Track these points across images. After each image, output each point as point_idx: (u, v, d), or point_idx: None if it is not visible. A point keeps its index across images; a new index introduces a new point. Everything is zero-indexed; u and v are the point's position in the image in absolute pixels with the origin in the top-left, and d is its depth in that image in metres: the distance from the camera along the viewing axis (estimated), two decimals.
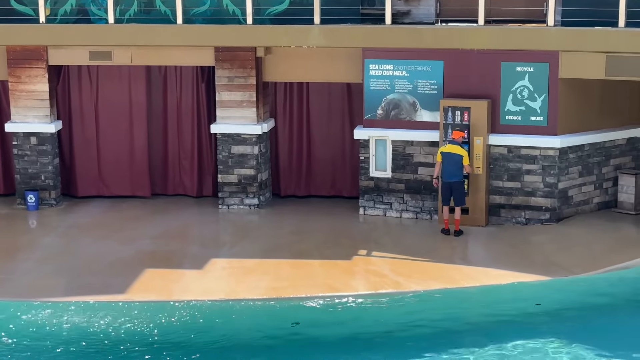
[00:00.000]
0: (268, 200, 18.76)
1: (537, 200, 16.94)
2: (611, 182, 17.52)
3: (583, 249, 15.69)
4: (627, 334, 13.01)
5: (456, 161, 16.31)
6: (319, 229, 17.12)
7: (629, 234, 16.41)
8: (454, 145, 16.38)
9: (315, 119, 18.88)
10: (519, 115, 16.83)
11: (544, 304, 13.97)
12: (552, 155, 16.77)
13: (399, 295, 14.17)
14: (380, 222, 17.44)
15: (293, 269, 15.19)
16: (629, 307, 13.95)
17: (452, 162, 16.32)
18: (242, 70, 17.92)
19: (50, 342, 12.84)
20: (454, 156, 16.32)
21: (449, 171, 16.36)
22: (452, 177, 16.35)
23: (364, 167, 17.76)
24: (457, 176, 16.37)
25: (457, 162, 16.31)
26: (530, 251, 15.73)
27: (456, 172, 16.35)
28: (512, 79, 16.78)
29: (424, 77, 17.21)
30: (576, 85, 16.80)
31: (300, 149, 19.01)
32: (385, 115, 17.49)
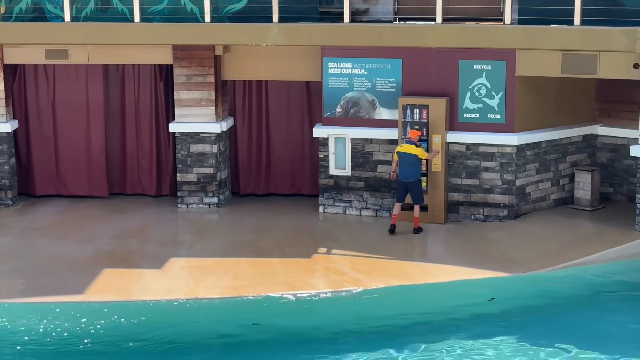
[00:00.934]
0: (227, 199, 18.71)
1: (495, 197, 17.07)
2: (568, 178, 17.70)
3: (540, 245, 15.83)
4: (584, 329, 13.14)
5: (411, 162, 16.34)
6: (279, 227, 17.11)
7: (586, 230, 16.59)
8: (409, 145, 16.43)
9: (274, 118, 18.86)
10: (476, 113, 16.95)
11: (501, 300, 14.07)
12: (510, 152, 16.90)
13: (359, 293, 14.19)
14: (340, 220, 17.47)
15: (253, 267, 15.16)
16: (586, 303, 14.09)
17: (407, 163, 16.35)
18: (200, 68, 17.85)
19: (6, 344, 12.69)
20: (408, 156, 16.35)
21: (405, 172, 16.40)
22: (407, 177, 16.40)
23: (323, 165, 17.77)
24: (412, 176, 16.40)
25: (412, 162, 16.35)
26: (488, 248, 15.84)
27: (411, 173, 16.38)
28: (469, 76, 16.88)
29: (382, 75, 17.26)
30: (533, 83, 16.95)
31: (259, 148, 18.99)
32: (344, 114, 17.52)
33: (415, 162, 16.35)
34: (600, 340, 12.66)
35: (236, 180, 19.14)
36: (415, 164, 16.36)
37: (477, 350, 12.47)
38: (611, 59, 15.96)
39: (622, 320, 13.39)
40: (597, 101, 18.13)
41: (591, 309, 13.85)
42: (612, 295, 14.34)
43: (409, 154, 16.35)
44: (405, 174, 16.38)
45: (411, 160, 16.34)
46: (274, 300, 13.98)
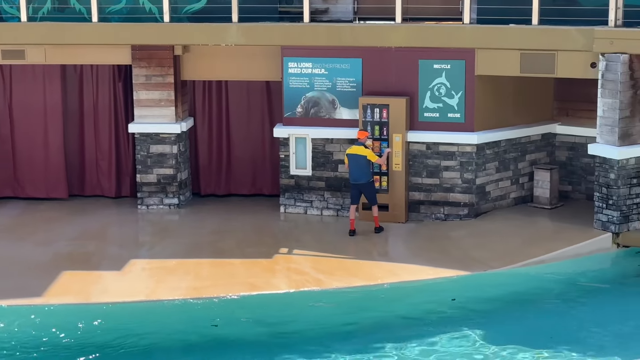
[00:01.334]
0: (188, 199, 18.61)
1: (455, 196, 17.13)
2: (527, 177, 17.82)
3: (500, 244, 15.92)
4: (545, 326, 13.22)
5: (361, 164, 16.28)
6: (240, 227, 17.05)
7: (545, 228, 16.71)
8: (358, 146, 16.38)
9: (234, 118, 18.80)
10: (436, 112, 17.00)
11: (462, 298, 14.12)
12: (470, 151, 16.97)
13: (320, 293, 14.17)
14: (301, 220, 17.44)
15: (214, 268, 15.09)
16: (546, 300, 14.18)
17: (357, 165, 16.29)
18: (159, 68, 17.74)
19: None
20: (359, 158, 16.31)
21: (355, 174, 16.34)
22: (358, 179, 16.36)
23: (284, 165, 17.73)
24: (363, 178, 16.36)
25: (361, 164, 16.28)
26: (449, 246, 15.90)
27: (362, 174, 16.32)
28: (429, 76, 16.93)
29: (342, 75, 17.26)
30: (492, 82, 17.04)
31: (220, 148, 18.92)
32: (304, 113, 17.49)
33: (365, 164, 16.30)
34: (563, 338, 12.74)
35: (197, 181, 19.05)
36: (365, 165, 16.31)
37: (439, 350, 12.49)
38: (569, 58, 16.09)
39: (583, 317, 13.49)
40: (555, 100, 18.28)
41: (552, 306, 13.94)
42: (573, 292, 14.44)
43: (359, 155, 16.30)
44: (356, 176, 16.35)
45: (361, 162, 16.29)
46: (235, 300, 13.91)
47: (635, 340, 12.68)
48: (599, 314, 13.63)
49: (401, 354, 12.39)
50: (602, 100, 15.86)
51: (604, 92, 15.82)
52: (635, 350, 12.12)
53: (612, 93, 15.69)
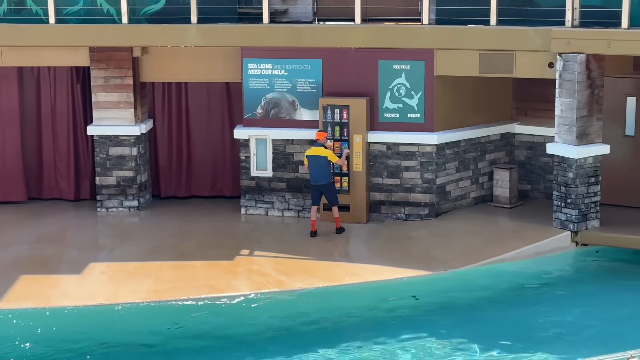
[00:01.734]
0: (148, 202, 18.50)
1: (416, 196, 17.18)
2: (487, 176, 17.92)
3: (461, 243, 15.99)
4: (506, 325, 13.29)
5: (321, 165, 16.28)
6: (201, 229, 16.98)
7: (505, 227, 16.81)
8: (317, 147, 16.38)
9: (194, 119, 18.73)
10: (396, 113, 17.04)
11: (423, 298, 14.17)
12: (430, 151, 17.03)
13: (282, 294, 14.15)
14: (262, 222, 17.40)
15: (175, 270, 15.01)
16: (507, 299, 14.26)
17: (317, 166, 16.28)
18: (118, 70, 17.60)
19: None
20: (318, 159, 16.31)
21: (316, 175, 16.34)
22: (319, 180, 16.35)
23: (244, 166, 17.68)
24: (324, 179, 16.35)
25: (321, 165, 16.28)
26: (410, 246, 15.94)
27: (322, 175, 16.31)
28: (389, 76, 16.97)
29: (302, 76, 17.24)
30: (451, 82, 17.12)
31: (180, 150, 18.82)
32: (265, 115, 17.45)
33: (325, 165, 16.30)
34: (524, 337, 12.81)
35: (157, 183, 18.94)
36: (325, 166, 16.31)
37: (401, 350, 12.52)
38: (527, 59, 16.20)
39: (542, 315, 13.58)
40: (514, 100, 18.41)
41: (513, 305, 14.03)
42: (533, 291, 14.54)
43: (319, 156, 16.29)
44: (317, 177, 16.34)
45: (321, 163, 16.28)
46: (196, 303, 13.84)
47: (594, 337, 12.79)
48: (558, 311, 13.73)
49: (361, 354, 12.39)
50: (560, 100, 15.98)
51: (561, 91, 15.95)
52: (593, 347, 12.23)
53: (569, 93, 15.83)
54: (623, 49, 15.50)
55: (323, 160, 16.26)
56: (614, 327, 13.09)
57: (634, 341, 11.81)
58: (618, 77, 17.01)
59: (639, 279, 15.02)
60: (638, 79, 17.05)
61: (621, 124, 17.15)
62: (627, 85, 17.06)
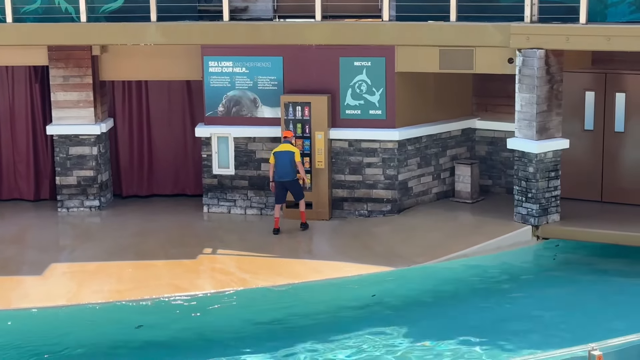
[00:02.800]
0: (109, 201, 18.35)
1: (378, 192, 17.20)
2: (448, 172, 17.98)
3: (424, 239, 16.03)
4: (470, 319, 13.33)
5: (289, 160, 16.25)
6: (163, 228, 16.88)
7: (467, 222, 16.87)
8: (285, 144, 16.39)
9: (155, 118, 18.62)
10: (358, 109, 17.04)
11: (384, 294, 14.17)
12: (392, 147, 17.05)
13: (246, 293, 14.10)
14: (225, 220, 17.34)
15: (137, 270, 14.90)
16: (470, 294, 14.31)
17: (283, 162, 16.24)
18: (77, 69, 17.44)
19: None
20: (286, 154, 16.27)
21: (281, 171, 16.30)
22: (284, 176, 16.31)
23: (206, 164, 17.59)
24: (289, 175, 16.32)
25: (290, 161, 16.25)
26: (373, 243, 15.95)
27: (288, 172, 16.28)
28: (350, 73, 16.96)
29: (263, 74, 17.19)
30: (412, 78, 17.14)
31: (141, 149, 18.70)
32: (226, 112, 17.38)
33: (292, 161, 16.29)
34: (488, 331, 12.85)
35: (118, 182, 18.81)
36: (292, 162, 16.30)
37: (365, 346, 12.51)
38: (487, 54, 16.27)
39: (504, 310, 13.65)
40: (474, 96, 18.48)
41: (476, 300, 14.08)
42: (496, 286, 14.61)
43: (287, 152, 16.26)
44: (282, 173, 16.29)
45: (289, 159, 16.25)
46: (159, 303, 13.75)
47: (557, 330, 12.86)
48: (520, 305, 13.80)
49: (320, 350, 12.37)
50: (520, 95, 16.07)
51: (521, 87, 16.03)
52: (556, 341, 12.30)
53: (529, 88, 15.91)
54: (581, 44, 15.61)
55: (290, 155, 16.22)
56: (576, 320, 13.18)
57: (596, 334, 11.89)
58: (577, 72, 17.14)
59: (599, 271, 15.16)
60: (596, 74, 17.19)
61: (580, 119, 17.28)
62: (586, 80, 17.20)
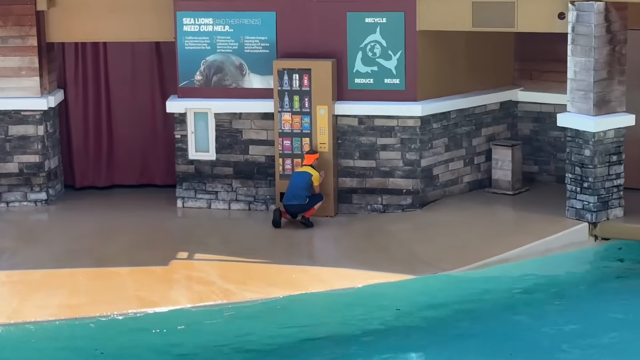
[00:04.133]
0: (60, 193, 18.46)
1: (396, 181, 17.28)
2: (484, 156, 18.05)
3: (452, 240, 16.10)
4: (508, 342, 13.39)
5: (302, 183, 16.47)
6: (127, 227, 16.98)
7: (506, 218, 16.95)
8: (308, 167, 16.65)
9: (116, 89, 18.69)
10: (370, 78, 17.10)
11: (406, 308, 14.26)
12: (413, 125, 17.12)
13: (231, 307, 14.19)
14: (204, 216, 17.44)
15: (95, 280, 15.00)
16: (507, 309, 14.37)
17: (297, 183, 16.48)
18: (18, 28, 17.53)
19: None
20: (303, 176, 16.54)
21: (291, 193, 16.50)
22: (293, 199, 16.49)
23: (181, 147, 17.68)
24: (298, 199, 16.48)
25: (302, 184, 16.47)
26: (390, 245, 16.03)
27: (297, 196, 16.48)
28: (360, 32, 17.01)
29: (252, 33, 17.26)
30: (438, 39, 17.19)
31: (99, 128, 18.79)
32: (205, 82, 17.45)
33: (308, 186, 16.51)
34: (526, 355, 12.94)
35: (70, 170, 18.90)
36: (306, 187, 16.50)
37: None
38: (532, 8, 16.31)
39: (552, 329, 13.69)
40: (516, 60, 18.52)
41: (515, 316, 14.14)
42: (542, 299, 14.65)
43: (303, 172, 16.54)
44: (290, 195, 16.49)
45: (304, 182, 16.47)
46: (123, 320, 13.85)
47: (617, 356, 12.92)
48: (573, 325, 13.85)
49: None
50: (573, 59, 16.12)
51: (575, 49, 16.08)
52: None
53: (584, 50, 15.96)
54: None
55: (306, 177, 16.48)
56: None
57: None
58: None
59: None
60: None
61: None
62: None
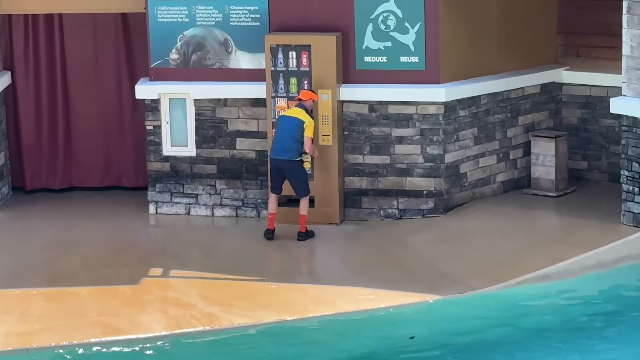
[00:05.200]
0: (6, 197, 18.50)
1: (415, 181, 17.28)
2: (521, 150, 18.05)
3: (483, 252, 16.10)
4: None
5: (292, 131, 16.39)
6: (89, 238, 17.01)
7: (549, 226, 16.95)
8: (298, 109, 16.49)
9: (75, 71, 18.75)
10: (383, 56, 17.12)
11: (426, 335, 14.26)
12: (435, 113, 17.13)
13: (214, 335, 14.18)
14: (182, 224, 17.47)
15: (50, 302, 15.00)
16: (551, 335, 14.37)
17: (286, 132, 16.40)
18: None
19: None
20: (292, 122, 16.42)
21: (279, 146, 16.45)
22: (281, 153, 16.44)
23: (153, 141, 17.70)
24: (288, 153, 16.45)
25: (293, 132, 16.39)
26: (407, 258, 16.03)
27: (288, 148, 16.43)
28: (371, 1, 17.01)
29: (239, 2, 17.27)
30: (466, 8, 17.20)
31: (53, 118, 18.83)
32: (183, 62, 17.47)
33: (299, 135, 16.40)
34: None
35: (19, 170, 18.94)
36: (298, 136, 16.41)
37: None
38: None
39: None
40: (560, 33, 18.54)
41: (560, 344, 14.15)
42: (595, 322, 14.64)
43: (296, 118, 16.42)
44: (279, 147, 16.43)
45: (295, 130, 16.38)
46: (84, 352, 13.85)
47: None
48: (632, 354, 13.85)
49: None
50: (630, 32, 16.11)
51: (631, 19, 16.08)
52: None
53: None
54: None
55: (299, 125, 16.36)
56: None
57: None
58: None
59: None
60: None
61: None
62: None
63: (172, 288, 15.42)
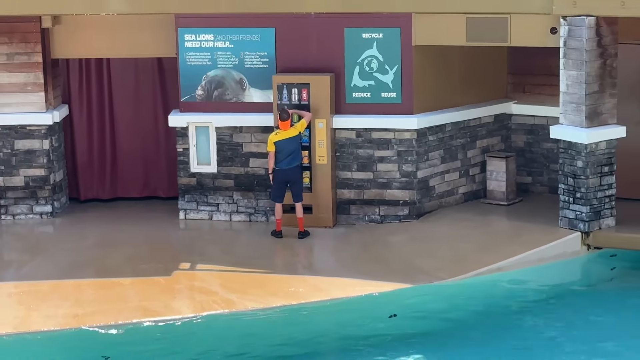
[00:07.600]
0: (64, 206, 18.44)
1: (393, 193, 17.27)
2: (479, 167, 18.04)
3: (449, 249, 16.09)
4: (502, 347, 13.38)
5: (295, 145, 16.55)
6: (130, 239, 16.96)
7: (501, 228, 16.94)
8: (285, 131, 16.53)
9: (120, 104, 18.70)
10: (368, 92, 17.10)
11: (403, 316, 14.24)
12: (409, 138, 17.11)
13: (232, 317, 14.17)
14: (206, 228, 17.42)
15: (99, 290, 14.99)
16: (504, 316, 14.36)
17: (290, 148, 16.50)
18: (24, 45, 17.52)
19: None
20: (292, 141, 16.54)
21: (289, 157, 16.52)
22: (292, 162, 16.52)
23: (183, 160, 17.67)
24: (297, 159, 16.60)
25: (294, 142, 16.55)
26: (388, 254, 16.02)
27: (296, 155, 16.58)
28: (358, 48, 17.02)
29: (252, 49, 17.25)
30: (434, 53, 17.19)
31: (102, 142, 18.79)
32: (206, 97, 17.45)
33: (299, 143, 16.58)
34: None
35: (75, 183, 18.88)
36: (299, 146, 16.60)
37: None
38: (524, 23, 16.31)
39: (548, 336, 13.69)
40: (510, 74, 18.52)
41: (511, 323, 14.12)
42: (536, 306, 14.65)
43: (292, 138, 16.50)
44: (290, 159, 16.50)
45: (295, 141, 16.53)
46: (127, 330, 13.83)
47: None
48: (569, 332, 13.83)
49: None
50: (565, 72, 16.12)
51: (567, 62, 16.08)
52: None
53: (576, 64, 15.96)
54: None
55: (296, 138, 16.54)
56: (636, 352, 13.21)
57: None
58: (635, 43, 17.17)
59: None
60: None
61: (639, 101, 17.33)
62: None
63: (197, 279, 15.42)
